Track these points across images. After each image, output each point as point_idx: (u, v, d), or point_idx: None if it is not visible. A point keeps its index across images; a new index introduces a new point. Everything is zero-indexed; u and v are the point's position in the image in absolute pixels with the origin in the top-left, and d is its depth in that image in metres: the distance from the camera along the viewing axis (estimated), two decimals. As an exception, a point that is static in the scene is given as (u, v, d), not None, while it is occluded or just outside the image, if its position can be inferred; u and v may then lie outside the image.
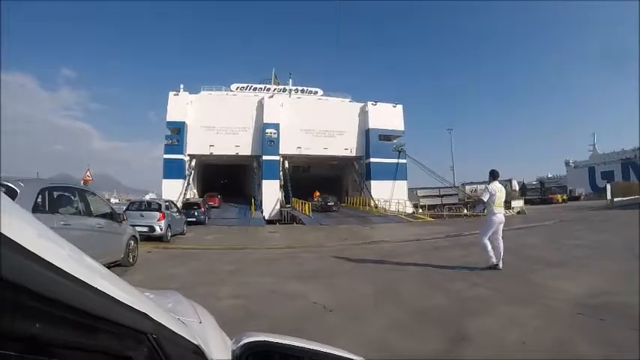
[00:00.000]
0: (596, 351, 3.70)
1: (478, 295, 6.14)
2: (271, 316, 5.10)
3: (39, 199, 6.10)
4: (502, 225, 8.38)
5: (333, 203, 34.09)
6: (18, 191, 5.71)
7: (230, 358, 0.88)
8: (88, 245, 6.73)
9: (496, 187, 8.42)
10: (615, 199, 35.56)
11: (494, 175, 8.64)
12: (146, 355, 0.62)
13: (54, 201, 6.59)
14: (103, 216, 8.08)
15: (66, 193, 7.27)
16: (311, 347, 0.96)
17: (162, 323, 0.68)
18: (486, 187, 8.64)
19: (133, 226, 10.39)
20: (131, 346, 0.60)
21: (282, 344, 0.94)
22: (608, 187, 39.11)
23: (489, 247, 8.21)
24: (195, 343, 0.78)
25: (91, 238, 7.23)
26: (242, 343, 0.88)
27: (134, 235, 9.42)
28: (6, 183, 5.77)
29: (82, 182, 17.71)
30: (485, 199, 8.39)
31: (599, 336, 4.06)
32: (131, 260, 9.03)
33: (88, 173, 19.88)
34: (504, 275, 7.56)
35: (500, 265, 8.09)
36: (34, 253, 0.43)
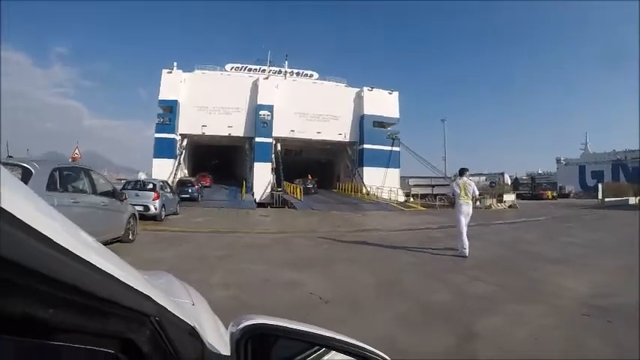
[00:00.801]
0: (606, 353, 3.60)
1: (481, 291, 5.95)
2: (265, 308, 4.80)
3: (52, 178, 6.54)
4: (469, 216, 9.25)
5: (311, 186, 36.16)
6: (33, 171, 6.17)
7: (228, 341, 0.86)
8: (93, 221, 7.44)
9: (461, 181, 9.43)
10: (606, 199, 35.84)
11: (461, 172, 9.77)
12: (148, 337, 0.61)
13: (64, 180, 6.99)
14: (106, 194, 8.46)
15: (74, 173, 7.68)
16: (312, 331, 0.94)
17: (163, 305, 0.68)
18: (452, 182, 9.98)
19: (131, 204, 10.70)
20: (134, 328, 0.59)
21: (282, 327, 0.91)
22: (600, 186, 39.40)
23: (464, 235, 8.95)
24: (192, 325, 0.78)
25: (95, 214, 7.74)
26: (241, 326, 0.84)
27: (134, 213, 9.87)
28: (21, 164, 6.27)
29: (70, 160, 17.26)
30: (451, 193, 9.79)
31: (609, 338, 3.94)
32: (131, 237, 9.44)
33: (76, 151, 19.52)
34: (506, 270, 7.41)
35: (466, 253, 8.74)
36: (38, 231, 0.42)
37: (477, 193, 9.86)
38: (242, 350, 0.83)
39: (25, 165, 6.22)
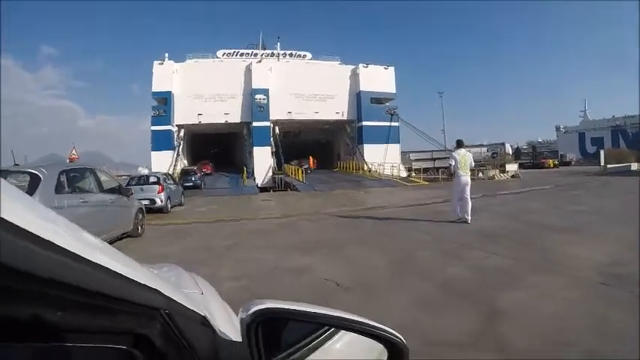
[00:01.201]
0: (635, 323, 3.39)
1: (497, 264, 5.83)
2: (280, 298, 4.64)
3: (59, 181, 6.73)
4: (468, 186, 9.66)
5: (307, 166, 36.53)
6: (41, 177, 6.35)
7: (239, 327, 0.83)
8: (103, 219, 7.76)
9: (460, 153, 9.85)
10: (608, 166, 35.60)
11: (459, 144, 10.26)
12: (160, 331, 0.62)
13: (71, 181, 7.21)
14: (113, 191, 8.69)
15: (79, 174, 7.86)
16: (322, 312, 0.91)
17: (172, 297, 0.68)
18: (451, 154, 10.32)
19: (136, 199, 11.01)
20: (144, 323, 0.60)
21: (292, 310, 0.88)
22: (602, 153, 39.07)
23: (457, 206, 9.83)
24: (202, 314, 0.79)
25: (104, 212, 7.98)
26: (252, 311, 0.81)
27: (141, 208, 10.11)
28: (30, 170, 6.51)
29: (68, 161, 17.12)
30: (452, 164, 9.88)
31: (632, 308, 3.75)
32: (139, 231, 9.65)
33: (73, 152, 19.48)
34: (517, 242, 7.26)
35: (469, 220, 9.41)
36: (39, 236, 0.42)
37: (473, 164, 10.38)
38: (253, 335, 0.80)
39: (32, 171, 6.44)
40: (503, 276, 5.20)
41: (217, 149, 51.51)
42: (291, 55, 44.54)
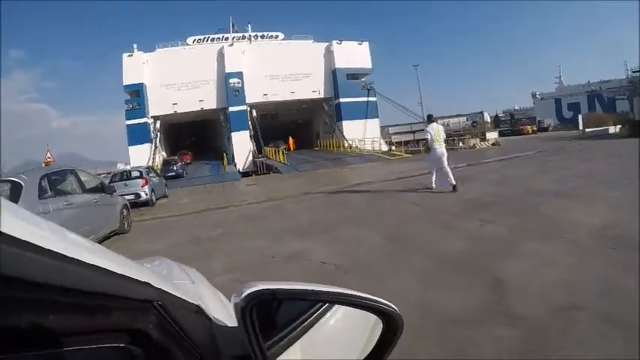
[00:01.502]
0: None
1: (495, 233, 5.75)
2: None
3: (41, 186, 6.72)
4: (444, 156, 10.17)
5: (283, 147, 35.25)
6: (23, 184, 6.40)
7: (234, 311, 0.80)
8: (89, 219, 7.75)
9: (433, 127, 10.48)
10: (586, 130, 36.16)
11: (429, 118, 11.20)
12: (155, 323, 0.61)
13: (53, 185, 7.16)
14: (95, 190, 8.67)
15: (61, 176, 7.80)
16: (317, 289, 0.89)
17: (164, 289, 0.68)
18: (425, 129, 10.99)
19: (120, 195, 11.05)
20: (139, 317, 0.59)
21: (285, 289, 0.86)
22: (580, 117, 39.64)
23: (434, 175, 10.38)
24: (196, 303, 0.79)
25: (90, 212, 7.95)
26: (245, 294, 0.78)
27: (125, 204, 10.07)
28: (10, 179, 6.58)
29: (44, 164, 16.56)
30: (429, 138, 10.42)
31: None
32: (126, 227, 9.64)
33: (48, 154, 18.79)
34: (513, 209, 7.23)
35: (457, 187, 9.74)
36: (28, 242, 0.41)
37: (444, 135, 10.98)
38: (248, 318, 0.77)
39: (13, 179, 6.51)
40: (501, 245, 5.14)
41: (195, 138, 50.79)
42: (262, 37, 43.54)
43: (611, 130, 35.98)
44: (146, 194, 15.11)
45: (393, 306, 0.94)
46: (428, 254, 5.13)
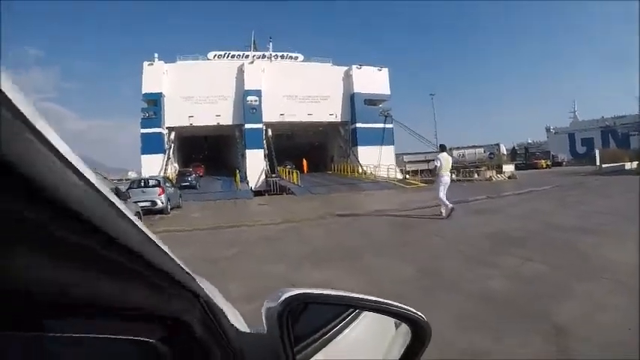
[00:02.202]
0: None
1: (536, 272, 5.32)
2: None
3: None
4: (448, 185, 11.01)
5: (290, 167, 35.18)
6: None
7: (265, 316, 0.81)
8: None
9: (443, 156, 11.12)
10: (603, 165, 35.59)
11: (442, 148, 11.68)
12: (199, 318, 0.61)
13: None
14: None
15: None
16: (353, 295, 0.92)
17: (204, 288, 0.67)
18: (437, 157, 11.49)
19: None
20: (187, 308, 0.59)
21: (324, 294, 0.89)
22: (597, 153, 39.21)
23: (445, 200, 10.69)
24: (222, 307, 0.77)
25: None
26: (282, 299, 0.79)
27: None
28: None
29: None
30: (438, 165, 11.08)
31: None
32: None
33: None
34: (545, 246, 6.81)
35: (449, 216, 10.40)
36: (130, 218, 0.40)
37: (451, 167, 11.81)
38: (285, 323, 0.78)
39: None
40: (544, 285, 4.77)
41: (208, 152, 50.79)
42: (282, 56, 43.90)
43: (628, 166, 35.59)
44: (162, 202, 15.78)
45: (422, 315, 0.95)
46: (468, 294, 4.65)
